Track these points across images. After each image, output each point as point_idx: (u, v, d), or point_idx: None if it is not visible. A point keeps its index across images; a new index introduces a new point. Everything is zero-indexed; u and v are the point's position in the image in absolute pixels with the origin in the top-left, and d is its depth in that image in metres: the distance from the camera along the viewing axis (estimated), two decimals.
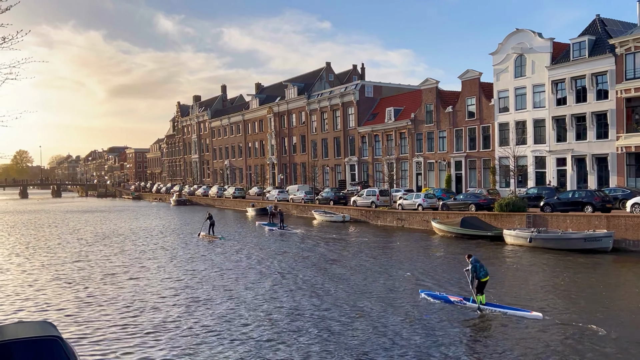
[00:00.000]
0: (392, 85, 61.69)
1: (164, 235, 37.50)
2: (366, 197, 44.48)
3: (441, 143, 48.06)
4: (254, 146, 78.37)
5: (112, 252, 29.52)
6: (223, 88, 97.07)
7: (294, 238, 34.08)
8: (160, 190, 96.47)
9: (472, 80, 45.04)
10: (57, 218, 56.79)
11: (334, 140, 61.16)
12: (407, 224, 38.70)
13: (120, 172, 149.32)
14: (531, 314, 14.50)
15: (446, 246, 29.26)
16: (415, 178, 50.87)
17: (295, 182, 67.17)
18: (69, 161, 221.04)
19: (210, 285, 19.78)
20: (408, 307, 15.90)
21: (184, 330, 14.15)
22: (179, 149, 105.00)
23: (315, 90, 66.66)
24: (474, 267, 15.23)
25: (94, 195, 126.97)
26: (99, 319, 15.38)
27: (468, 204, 35.80)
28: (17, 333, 9.19)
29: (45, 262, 26.31)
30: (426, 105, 49.19)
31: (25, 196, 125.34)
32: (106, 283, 20.60)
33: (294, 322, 14.60)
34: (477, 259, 15.59)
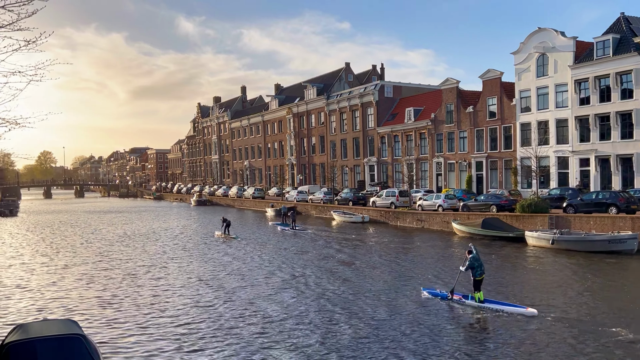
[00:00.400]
0: (411, 86, 61.37)
1: (184, 236, 37.84)
2: (385, 198, 44.31)
3: (462, 143, 47.66)
4: (273, 147, 78.63)
5: (134, 252, 29.88)
6: (243, 89, 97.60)
7: (317, 240, 34.08)
8: (180, 191, 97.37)
9: (493, 79, 44.59)
10: (80, 218, 57.70)
11: (353, 141, 61.06)
12: (427, 225, 38.46)
13: (142, 172, 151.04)
14: (527, 310, 14.78)
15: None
16: (435, 179, 50.53)
17: (314, 182, 67.20)
18: (91, 162, 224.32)
19: (229, 285, 19.88)
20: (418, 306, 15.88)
21: (204, 330, 14.25)
22: (199, 150, 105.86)
23: (335, 90, 66.64)
24: (471, 264, 15.58)
25: (116, 196, 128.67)
26: (122, 318, 15.56)
27: (489, 205, 35.45)
28: (42, 331, 9.34)
29: (69, 261, 26.74)
30: (446, 105, 48.82)
31: (49, 196, 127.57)
32: (128, 283, 20.86)
33: (305, 327, 14.60)
34: (477, 258, 15.78)
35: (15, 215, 63.33)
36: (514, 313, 14.81)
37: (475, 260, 15.67)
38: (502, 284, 19.53)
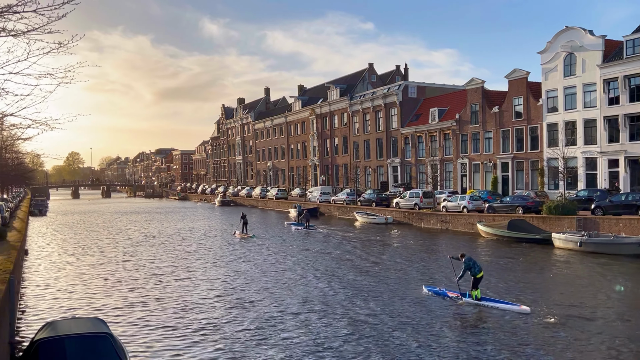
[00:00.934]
0: (436, 86, 60.90)
1: (207, 236, 38.16)
2: (409, 199, 44.04)
3: (487, 144, 47.10)
4: (296, 148, 78.83)
5: (159, 251, 30.25)
6: (266, 90, 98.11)
7: (342, 241, 34.04)
8: (205, 191, 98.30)
9: (519, 79, 43.97)
10: (107, 219, 58.67)
11: (376, 142, 60.83)
12: (452, 227, 38.10)
13: (167, 173, 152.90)
14: (520, 308, 15.40)
15: (493, 249, 28.65)
16: (460, 180, 50.03)
17: (337, 183, 67.16)
18: (118, 162, 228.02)
19: (250, 286, 19.97)
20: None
21: (229, 330, 14.34)
22: (223, 151, 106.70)
23: (358, 91, 66.50)
24: (467, 266, 16.32)
25: (142, 196, 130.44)
26: (147, 317, 15.75)
27: (515, 207, 34.96)
28: (71, 329, 9.53)
29: (96, 261, 27.21)
30: (471, 106, 48.31)
31: (77, 196, 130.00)
32: (154, 282, 21.12)
33: (329, 322, 14.59)
34: (471, 258, 16.63)
35: (44, 215, 64.68)
36: (508, 310, 15.39)
37: (470, 260, 16.45)
38: (529, 286, 19.21)
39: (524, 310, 15.23)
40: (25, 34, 8.60)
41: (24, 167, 56.36)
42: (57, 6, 7.93)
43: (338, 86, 69.06)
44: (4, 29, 8.39)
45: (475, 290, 16.34)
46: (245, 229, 37.20)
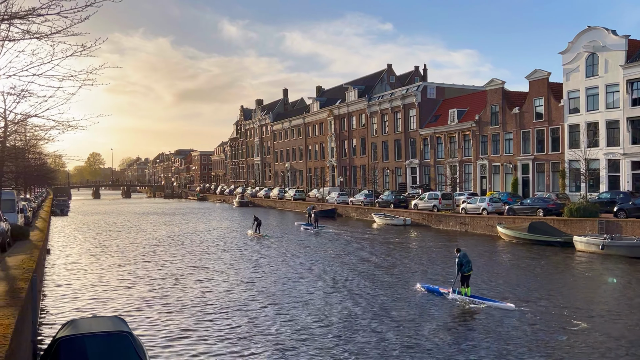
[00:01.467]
0: (455, 87, 60.46)
1: (225, 237, 38.35)
2: (428, 201, 43.76)
3: (507, 145, 46.60)
4: (314, 149, 78.88)
5: (178, 252, 30.49)
6: (285, 92, 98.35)
7: (362, 243, 33.99)
8: (223, 192, 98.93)
9: (540, 80, 43.43)
10: (127, 219, 59.33)
11: (395, 143, 60.58)
12: (471, 229, 37.77)
13: (186, 174, 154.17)
14: (505, 305, 16.10)
15: (514, 252, 28.33)
16: (480, 181, 49.56)
17: (355, 184, 67.06)
18: (138, 163, 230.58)
19: (266, 286, 20.02)
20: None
21: (246, 330, 14.38)
22: (241, 152, 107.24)
23: (376, 92, 66.31)
24: (460, 262, 16.90)
25: (161, 196, 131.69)
26: (167, 317, 15.87)
27: (536, 209, 34.53)
28: (92, 327, 9.63)
29: (116, 261, 27.52)
30: (491, 107, 47.85)
31: (98, 196, 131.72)
32: (173, 282, 21.28)
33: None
34: (465, 255, 17.16)
35: (66, 215, 65.65)
36: (495, 307, 16.05)
37: (464, 257, 17.02)
38: (552, 290, 18.94)
39: (509, 307, 15.88)
40: (49, 37, 8.74)
41: (46, 168, 57.23)
42: (80, 9, 8.05)
43: (356, 87, 68.95)
44: (28, 31, 8.54)
45: (465, 287, 16.98)
46: (258, 229, 38.25)
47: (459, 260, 16.94)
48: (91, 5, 8.09)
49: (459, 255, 17.07)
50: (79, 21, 8.39)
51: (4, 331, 7.55)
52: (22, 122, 19.02)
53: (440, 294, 17.64)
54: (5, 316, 8.47)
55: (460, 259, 16.94)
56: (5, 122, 18.95)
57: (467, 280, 16.97)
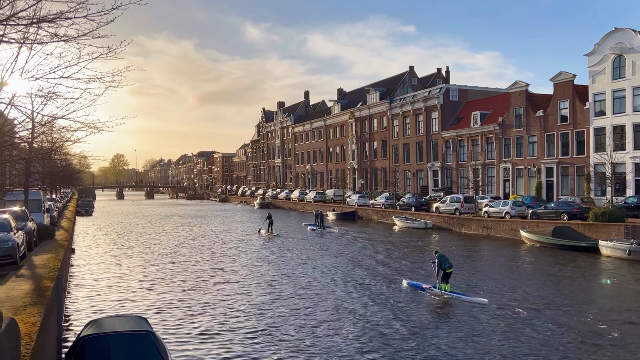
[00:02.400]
0: (478, 89, 59.86)
1: (245, 239, 38.53)
2: (450, 204, 43.38)
3: (531, 148, 45.97)
4: (335, 151, 78.85)
5: (200, 253, 30.73)
6: (306, 94, 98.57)
7: (381, 245, 33.89)
8: (245, 194, 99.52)
9: (565, 82, 42.78)
10: (150, 220, 60.00)
11: (416, 145, 60.22)
12: (493, 233, 37.33)
13: (208, 175, 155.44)
14: (477, 299, 17.42)
15: (537, 257, 27.91)
16: (503, 185, 48.97)
17: (376, 187, 66.82)
18: (161, 164, 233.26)
19: (281, 286, 20.05)
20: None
21: (268, 331, 14.42)
22: (263, 154, 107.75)
23: (398, 94, 66.02)
24: (439, 261, 18.29)
25: (184, 197, 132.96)
26: (189, 316, 16.00)
27: (560, 213, 33.98)
28: (115, 326, 9.76)
29: (140, 261, 27.86)
30: (515, 109, 47.27)
31: (122, 197, 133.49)
32: (195, 283, 21.45)
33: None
34: (443, 254, 18.71)
35: (90, 215, 66.70)
36: (469, 301, 17.32)
37: (442, 257, 18.48)
38: (577, 296, 18.62)
39: (482, 302, 17.16)
40: (75, 39, 8.90)
41: (71, 169, 58.21)
42: (106, 11, 8.19)
43: (378, 89, 68.75)
44: (56, 34, 8.71)
45: (445, 283, 18.32)
46: (270, 228, 39.52)
47: (439, 260, 18.32)
48: (117, 8, 8.22)
49: (437, 256, 18.52)
50: (105, 24, 8.54)
51: (31, 329, 7.69)
52: (49, 124, 19.38)
53: (422, 290, 19.06)
54: (32, 314, 8.62)
55: (440, 260, 18.34)
56: (33, 123, 19.34)
57: (447, 278, 18.37)
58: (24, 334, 7.18)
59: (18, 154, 23.49)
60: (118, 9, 8.26)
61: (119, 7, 8.26)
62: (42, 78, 10.59)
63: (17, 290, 10.77)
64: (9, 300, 9.74)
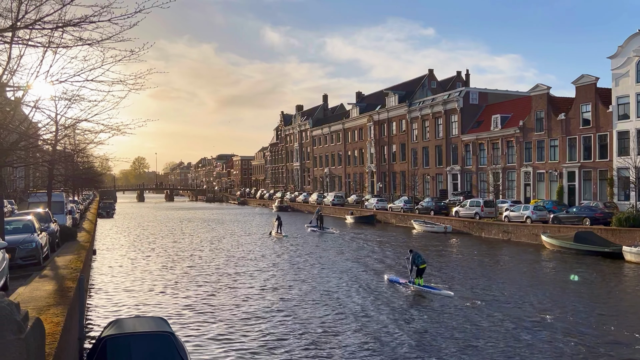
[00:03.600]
0: (498, 92, 59.26)
1: (266, 243, 38.66)
2: (469, 208, 43.00)
3: (552, 152, 45.37)
4: (353, 154, 78.72)
5: (218, 254, 30.90)
6: (324, 97, 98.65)
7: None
8: (263, 197, 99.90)
9: (587, 85, 42.15)
10: (170, 222, 60.50)
11: (436, 149, 59.84)
12: (514, 237, 36.89)
13: (227, 178, 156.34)
14: (444, 292, 19.36)
15: (559, 262, 27.51)
16: (524, 189, 48.38)
17: (394, 190, 66.52)
18: (181, 167, 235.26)
19: (295, 287, 20.06)
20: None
21: (285, 337, 14.43)
22: (281, 157, 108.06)
23: (417, 97, 65.69)
24: (413, 259, 20.24)
25: (203, 200, 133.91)
26: (207, 319, 16.08)
27: (582, 218, 33.46)
28: (135, 327, 9.86)
29: (160, 262, 28.12)
30: (536, 113, 46.70)
31: (142, 199, 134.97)
32: (214, 284, 21.56)
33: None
34: (416, 252, 20.60)
35: (111, 217, 67.52)
36: (437, 294, 19.28)
37: (415, 254, 20.38)
38: (599, 304, 18.29)
39: (448, 294, 19.08)
40: (99, 43, 9.04)
41: (93, 171, 58.92)
42: (129, 15, 8.29)
43: (396, 92, 68.50)
44: (80, 38, 8.85)
45: (419, 278, 20.15)
46: (280, 229, 41.13)
47: (412, 258, 20.24)
48: (140, 12, 8.32)
49: (412, 254, 20.41)
50: (128, 27, 8.66)
51: (54, 329, 7.79)
52: (72, 127, 19.68)
53: (400, 284, 20.99)
54: (55, 314, 8.74)
55: (414, 257, 20.24)
56: (57, 126, 19.66)
57: (421, 273, 20.25)
58: (48, 334, 7.27)
59: (42, 157, 23.90)
60: (141, 13, 8.37)
61: (141, 11, 8.36)
62: (67, 81, 10.78)
63: (40, 291, 10.92)
64: (33, 300, 9.89)
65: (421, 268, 20.16)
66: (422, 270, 20.27)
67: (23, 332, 4.52)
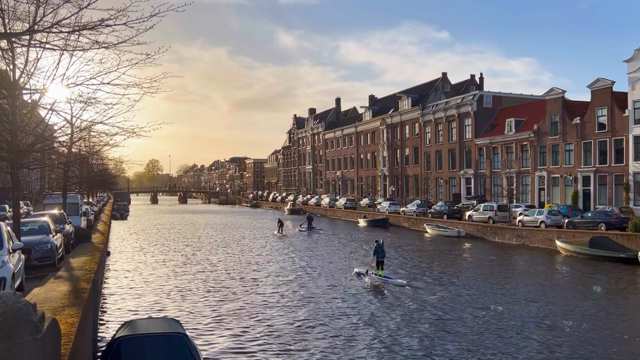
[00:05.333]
0: (512, 96, 58.90)
1: (273, 243, 38.71)
2: (483, 212, 42.69)
3: (567, 156, 44.94)
4: (365, 158, 78.62)
5: (232, 257, 30.97)
6: (337, 100, 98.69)
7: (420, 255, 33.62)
8: (275, 199, 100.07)
9: (603, 89, 41.71)
10: (183, 224, 60.79)
11: (449, 152, 59.56)
12: (528, 242, 36.56)
13: (240, 181, 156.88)
14: (398, 281, 21.95)
15: (574, 268, 27.20)
16: (538, 193, 47.95)
17: (407, 194, 66.30)
18: (194, 170, 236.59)
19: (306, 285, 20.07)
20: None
21: (299, 338, 14.42)
22: (294, 160, 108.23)
23: (430, 101, 65.46)
24: (375, 250, 22.69)
25: (216, 203, 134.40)
26: (220, 319, 16.11)
27: (597, 223, 33.07)
28: (149, 328, 9.92)
29: (173, 264, 28.25)
30: (551, 116, 46.31)
31: (156, 202, 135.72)
32: (226, 286, 21.60)
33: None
34: (380, 245, 22.84)
35: (125, 219, 68.00)
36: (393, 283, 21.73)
37: (379, 247, 22.74)
38: (614, 314, 18.05)
39: (401, 283, 21.69)
40: (115, 46, 9.12)
41: (108, 173, 59.43)
42: (145, 18, 8.35)
43: (410, 96, 68.33)
44: (96, 41, 8.94)
45: (380, 270, 22.64)
46: (281, 230, 45.55)
47: (375, 249, 22.74)
48: (156, 15, 8.38)
49: (376, 245, 22.74)
50: (143, 31, 8.73)
51: (69, 329, 7.85)
52: (87, 129, 19.86)
53: (363, 274, 23.41)
54: (70, 315, 8.81)
55: (375, 249, 22.69)
56: (72, 128, 19.86)
57: (381, 265, 22.77)
58: (62, 334, 7.32)
59: (57, 159, 24.15)
60: (157, 16, 8.43)
61: (157, 14, 8.43)
62: (83, 84, 10.89)
63: (55, 292, 11.02)
64: (48, 300, 9.98)
65: (380, 260, 22.64)
66: (382, 262, 22.83)
67: (40, 332, 4.56)
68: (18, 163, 13.33)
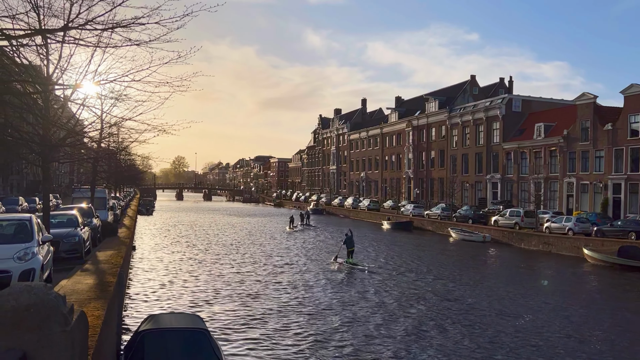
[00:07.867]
0: (542, 100, 57.85)
1: (287, 236, 38.78)
2: (509, 218, 42.08)
3: (597, 163, 43.98)
4: (390, 159, 78.19)
5: (255, 254, 31.13)
6: (363, 101, 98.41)
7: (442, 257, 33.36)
8: (299, 199, 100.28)
9: (637, 95, 40.69)
10: (209, 221, 61.34)
11: (476, 156, 58.84)
12: (555, 249, 35.90)
13: (264, 179, 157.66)
14: (362, 266, 25.87)
15: (602, 277, 26.64)
16: (566, 200, 47.04)
17: (432, 197, 65.74)
18: (219, 167, 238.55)
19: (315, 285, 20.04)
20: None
21: (324, 338, 14.41)
22: (318, 160, 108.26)
23: (458, 104, 64.74)
24: (345, 240, 26.89)
25: (240, 200, 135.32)
26: (243, 316, 16.19)
27: (627, 232, 32.29)
28: (172, 322, 10.04)
29: (197, 260, 28.53)
30: (581, 122, 45.38)
31: (181, 198, 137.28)
32: (249, 283, 21.72)
33: None
34: (350, 237, 26.84)
35: (151, 214, 68.92)
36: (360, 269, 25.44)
37: (349, 239, 26.71)
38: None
39: (364, 267, 25.62)
40: (147, 44, 9.23)
41: (135, 169, 60.32)
42: (177, 18, 8.44)
43: (437, 98, 67.71)
44: (129, 39, 9.05)
45: (350, 258, 26.50)
46: (291, 225, 50.23)
47: (346, 239, 26.79)
48: (188, 15, 8.45)
49: (346, 237, 26.86)
50: (175, 29, 8.80)
51: (95, 322, 7.96)
52: (116, 125, 20.14)
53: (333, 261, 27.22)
54: (96, 308, 8.94)
55: (346, 240, 26.79)
56: (102, 124, 20.16)
57: (351, 254, 26.72)
58: (89, 327, 7.43)
59: (87, 153, 24.57)
60: (189, 16, 8.50)
61: (190, 14, 8.50)
62: (115, 81, 11.05)
63: (82, 284, 11.20)
64: (75, 293, 10.14)
65: (350, 250, 26.62)
66: (351, 253, 26.76)
67: (69, 324, 4.62)
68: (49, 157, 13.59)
